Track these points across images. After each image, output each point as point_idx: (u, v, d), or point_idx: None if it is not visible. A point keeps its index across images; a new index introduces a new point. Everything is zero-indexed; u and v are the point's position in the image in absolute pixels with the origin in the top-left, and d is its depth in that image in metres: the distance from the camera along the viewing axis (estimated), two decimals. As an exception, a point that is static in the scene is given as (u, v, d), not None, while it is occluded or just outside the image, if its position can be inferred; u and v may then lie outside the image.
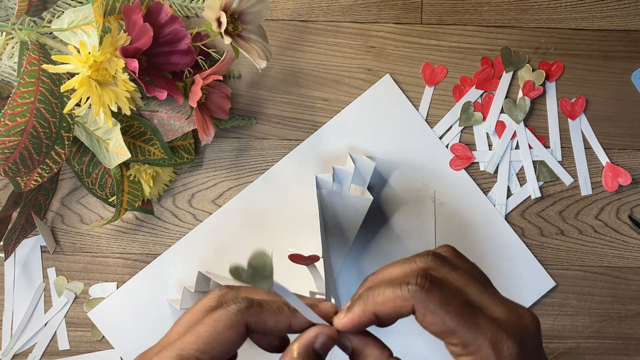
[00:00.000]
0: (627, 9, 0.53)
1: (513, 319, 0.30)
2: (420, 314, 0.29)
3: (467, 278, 0.31)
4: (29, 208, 0.49)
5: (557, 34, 0.53)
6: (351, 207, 0.48)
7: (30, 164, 0.39)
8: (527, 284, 0.51)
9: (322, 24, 0.53)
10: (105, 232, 0.52)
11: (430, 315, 0.29)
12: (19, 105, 0.38)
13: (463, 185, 0.52)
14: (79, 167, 0.49)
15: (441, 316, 0.29)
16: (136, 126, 0.46)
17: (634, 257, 0.52)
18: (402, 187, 0.52)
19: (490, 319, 0.29)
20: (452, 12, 0.53)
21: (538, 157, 0.52)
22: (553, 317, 0.52)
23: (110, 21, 0.39)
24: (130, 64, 0.38)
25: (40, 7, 0.41)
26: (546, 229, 0.52)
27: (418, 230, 0.51)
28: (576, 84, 0.53)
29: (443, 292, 0.29)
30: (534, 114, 0.53)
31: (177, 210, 0.52)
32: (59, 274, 0.52)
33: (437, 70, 0.53)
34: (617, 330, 0.52)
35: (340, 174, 0.48)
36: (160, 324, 0.50)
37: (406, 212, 0.51)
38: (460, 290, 0.30)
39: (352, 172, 0.47)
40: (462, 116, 0.52)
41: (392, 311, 0.30)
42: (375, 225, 0.51)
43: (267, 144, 0.53)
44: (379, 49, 0.53)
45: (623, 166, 0.52)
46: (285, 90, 0.53)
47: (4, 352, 0.51)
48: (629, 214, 0.52)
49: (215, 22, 0.40)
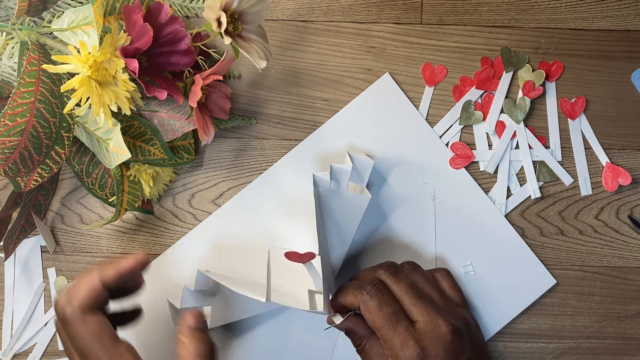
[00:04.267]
0: (627, 9, 0.53)
1: (428, 327, 0.40)
2: (362, 310, 0.42)
3: (407, 290, 0.42)
4: (29, 208, 0.49)
5: (557, 34, 0.53)
6: (349, 206, 0.48)
7: (30, 164, 0.39)
8: (528, 281, 0.51)
9: (322, 24, 0.53)
10: (105, 232, 0.52)
11: (367, 314, 0.42)
12: (19, 105, 0.38)
13: (463, 184, 0.52)
14: (79, 167, 0.49)
15: (373, 316, 0.41)
16: (136, 126, 0.46)
17: (634, 257, 0.52)
18: (402, 185, 0.52)
19: (407, 327, 0.40)
20: (452, 12, 0.53)
21: (538, 157, 0.52)
22: (553, 317, 0.52)
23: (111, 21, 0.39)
24: (130, 64, 0.38)
25: (40, 7, 0.41)
26: (546, 229, 0.52)
27: (418, 228, 0.51)
28: (576, 84, 0.53)
29: (381, 299, 0.41)
30: (534, 114, 0.53)
31: (177, 210, 0.52)
32: (59, 274, 0.52)
33: (437, 70, 0.53)
34: (617, 330, 0.52)
35: (338, 172, 0.48)
36: (160, 324, 0.50)
37: (406, 211, 0.51)
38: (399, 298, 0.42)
39: (350, 171, 0.47)
40: (463, 115, 0.52)
41: (350, 305, 0.43)
42: (375, 224, 0.51)
43: (267, 144, 0.53)
44: (379, 49, 0.53)
45: (623, 166, 0.52)
46: (285, 90, 0.53)
47: (4, 352, 0.51)
48: (629, 214, 0.52)
49: (215, 22, 0.40)
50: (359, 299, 0.42)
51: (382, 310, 0.41)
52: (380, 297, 0.41)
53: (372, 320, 0.41)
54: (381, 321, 0.41)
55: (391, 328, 0.40)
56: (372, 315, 0.41)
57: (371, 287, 0.42)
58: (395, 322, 0.40)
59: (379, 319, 0.41)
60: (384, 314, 0.41)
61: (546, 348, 0.52)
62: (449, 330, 0.41)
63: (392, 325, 0.40)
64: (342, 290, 0.44)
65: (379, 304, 0.41)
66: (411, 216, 0.51)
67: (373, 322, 0.41)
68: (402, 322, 0.41)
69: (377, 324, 0.41)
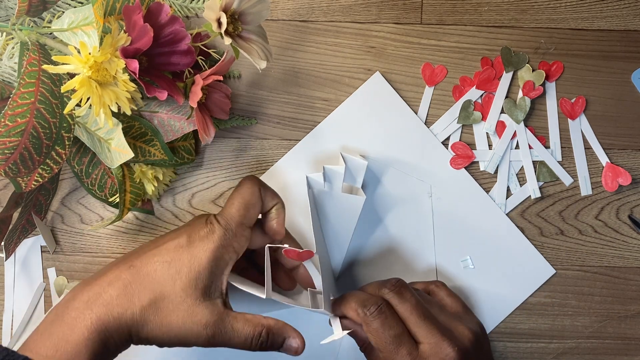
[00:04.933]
0: (627, 9, 0.53)
1: (432, 350, 0.40)
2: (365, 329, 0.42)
3: (411, 311, 0.42)
4: (29, 208, 0.49)
5: (557, 34, 0.53)
6: (345, 207, 0.48)
7: (30, 164, 0.39)
8: (527, 273, 0.51)
9: (322, 24, 0.53)
10: (106, 232, 0.52)
11: (369, 334, 0.42)
12: (20, 106, 0.38)
13: (459, 180, 0.52)
14: (78, 167, 0.49)
15: (376, 337, 0.41)
16: (137, 127, 0.46)
17: (634, 257, 0.52)
18: (398, 184, 0.52)
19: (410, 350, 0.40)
20: (452, 12, 0.53)
21: (538, 157, 0.52)
22: (553, 317, 0.52)
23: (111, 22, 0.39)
24: (131, 64, 0.38)
25: (41, 8, 0.41)
26: (546, 229, 0.52)
27: (416, 226, 0.51)
28: (576, 84, 0.53)
29: (384, 322, 0.41)
30: (534, 114, 0.53)
31: (177, 210, 0.52)
32: (59, 274, 0.52)
33: (437, 71, 0.53)
34: (617, 330, 0.52)
35: (331, 174, 0.47)
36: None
37: (403, 209, 0.52)
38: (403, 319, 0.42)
39: (343, 172, 0.47)
40: (462, 114, 0.52)
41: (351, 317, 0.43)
42: (373, 224, 0.51)
43: (267, 144, 0.53)
44: (379, 49, 0.53)
45: (623, 166, 0.52)
46: (285, 90, 0.53)
47: (5, 352, 0.51)
48: (629, 214, 0.52)
49: (215, 23, 0.40)
50: (361, 318, 0.42)
51: (385, 333, 0.41)
52: (383, 320, 0.41)
53: (375, 341, 0.41)
54: (383, 344, 0.41)
55: (393, 351, 0.40)
56: (375, 337, 0.41)
57: (375, 309, 0.41)
58: (397, 345, 0.40)
59: (381, 341, 0.41)
60: (387, 336, 0.40)
61: (546, 348, 0.52)
62: (454, 352, 0.40)
63: (395, 348, 0.40)
64: (345, 301, 0.43)
65: (381, 325, 0.41)
66: (408, 214, 0.52)
67: (375, 343, 0.41)
68: (404, 345, 0.40)
69: (379, 345, 0.41)
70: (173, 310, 0.36)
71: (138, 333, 0.36)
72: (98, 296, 0.36)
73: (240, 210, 0.40)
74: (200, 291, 0.37)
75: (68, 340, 0.35)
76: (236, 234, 0.39)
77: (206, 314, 0.37)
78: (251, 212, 0.41)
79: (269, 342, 0.38)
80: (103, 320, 0.35)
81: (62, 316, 0.36)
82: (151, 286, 0.37)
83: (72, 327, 0.35)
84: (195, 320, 0.36)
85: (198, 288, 0.37)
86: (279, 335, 0.39)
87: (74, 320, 0.35)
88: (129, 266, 0.38)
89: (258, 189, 0.41)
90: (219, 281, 0.38)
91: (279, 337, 0.39)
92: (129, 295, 0.36)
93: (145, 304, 0.36)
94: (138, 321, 0.36)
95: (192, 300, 0.37)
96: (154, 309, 0.36)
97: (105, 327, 0.35)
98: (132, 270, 0.37)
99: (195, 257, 0.38)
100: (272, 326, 0.38)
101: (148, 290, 0.37)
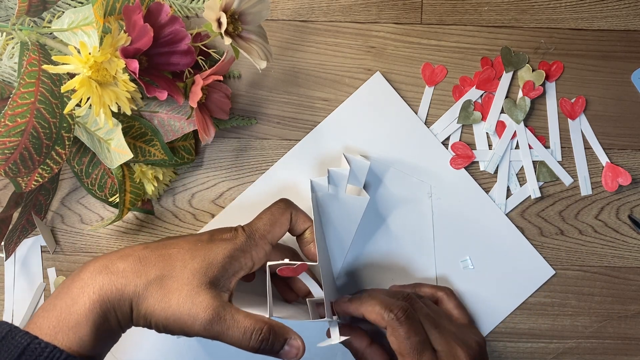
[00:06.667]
0: (627, 9, 0.53)
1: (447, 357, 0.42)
2: (389, 333, 0.42)
3: (432, 321, 0.43)
4: (29, 208, 0.49)
5: (557, 34, 0.53)
6: (348, 208, 0.48)
7: (30, 164, 0.39)
8: (527, 273, 0.51)
9: (322, 24, 0.53)
10: (106, 232, 0.52)
11: (392, 338, 0.42)
12: (20, 106, 0.38)
13: (459, 180, 0.52)
14: (78, 167, 0.49)
15: (400, 343, 0.41)
16: (137, 127, 0.46)
17: (634, 257, 0.52)
18: (398, 184, 0.52)
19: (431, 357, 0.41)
20: (452, 12, 0.53)
21: (538, 157, 0.52)
22: (553, 317, 0.52)
23: (111, 22, 0.39)
24: (131, 64, 0.38)
25: (40, 8, 0.41)
26: (546, 229, 0.52)
27: (416, 226, 0.51)
28: (576, 84, 0.53)
29: (410, 327, 0.41)
30: (534, 114, 0.53)
31: (177, 210, 0.52)
32: (59, 274, 0.52)
33: (437, 71, 0.53)
34: (617, 330, 0.52)
35: (336, 176, 0.47)
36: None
37: (403, 209, 0.52)
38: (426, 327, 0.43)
39: (348, 174, 0.47)
40: (462, 114, 0.52)
41: (373, 320, 0.43)
42: (373, 225, 0.51)
43: (267, 144, 0.53)
44: (379, 49, 0.53)
45: (623, 166, 0.52)
46: (285, 90, 0.53)
47: (5, 352, 0.51)
48: (629, 214, 0.52)
49: (215, 23, 0.40)
50: (386, 321, 0.42)
51: (410, 339, 0.41)
52: (410, 325, 0.42)
53: (398, 346, 0.42)
54: (407, 350, 0.41)
55: (416, 357, 0.41)
56: (399, 342, 0.41)
57: (402, 314, 0.42)
58: (421, 352, 0.41)
59: (406, 347, 0.41)
60: (412, 342, 0.41)
61: (546, 348, 0.52)
62: (467, 358, 0.42)
63: (418, 355, 0.41)
64: (367, 304, 0.43)
65: (407, 331, 0.41)
66: (408, 214, 0.52)
67: (398, 348, 0.42)
68: (427, 351, 0.41)
69: (402, 350, 0.41)
70: (177, 288, 0.36)
71: (138, 306, 0.36)
72: (105, 268, 0.36)
73: (266, 225, 0.42)
74: (208, 278, 0.37)
75: (70, 311, 0.35)
76: (257, 244, 0.40)
77: (208, 298, 0.37)
78: (276, 230, 0.42)
79: (270, 341, 0.37)
80: (105, 290, 0.35)
81: (68, 288, 0.36)
82: (162, 264, 0.37)
83: (75, 299, 0.35)
84: (196, 301, 0.36)
85: (207, 275, 0.37)
86: (280, 335, 0.38)
87: (79, 290, 0.36)
88: (145, 246, 0.39)
89: (289, 211, 0.43)
90: (229, 280, 0.39)
91: (281, 336, 0.38)
92: (137, 269, 0.37)
93: (151, 278, 0.36)
94: (140, 294, 0.36)
95: (197, 283, 0.37)
96: (159, 285, 0.36)
97: (107, 297, 0.35)
98: (147, 250, 0.38)
99: (212, 251, 0.38)
100: (274, 325, 0.38)
101: (158, 267, 0.37)
